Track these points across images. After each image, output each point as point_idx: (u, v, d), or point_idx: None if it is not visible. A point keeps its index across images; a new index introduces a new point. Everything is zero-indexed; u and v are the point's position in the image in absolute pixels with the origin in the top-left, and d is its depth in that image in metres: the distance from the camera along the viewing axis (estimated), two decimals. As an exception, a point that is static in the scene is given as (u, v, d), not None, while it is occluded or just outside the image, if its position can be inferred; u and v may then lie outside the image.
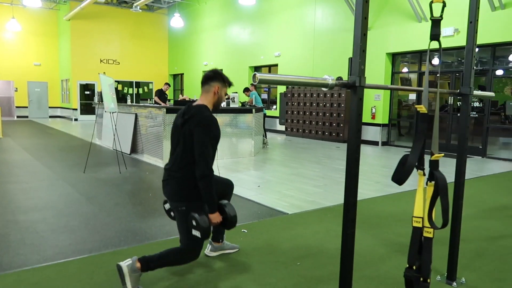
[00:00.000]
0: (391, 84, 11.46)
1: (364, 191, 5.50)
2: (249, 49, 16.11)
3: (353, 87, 1.96)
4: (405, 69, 11.85)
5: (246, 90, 10.47)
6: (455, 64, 10.58)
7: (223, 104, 8.66)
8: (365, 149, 10.71)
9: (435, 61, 10.63)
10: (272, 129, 15.14)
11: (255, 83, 1.63)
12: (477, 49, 9.60)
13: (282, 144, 11.65)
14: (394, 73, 11.44)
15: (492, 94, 2.81)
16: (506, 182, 6.58)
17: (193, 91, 19.63)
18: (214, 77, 2.64)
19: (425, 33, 10.14)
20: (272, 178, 6.34)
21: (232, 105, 8.58)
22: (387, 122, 11.61)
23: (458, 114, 9.98)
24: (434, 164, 1.73)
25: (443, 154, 1.78)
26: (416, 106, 1.75)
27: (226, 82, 2.71)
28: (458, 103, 10.05)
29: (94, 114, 17.72)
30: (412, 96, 11.42)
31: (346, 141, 12.03)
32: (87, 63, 19.86)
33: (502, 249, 3.44)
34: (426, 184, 1.77)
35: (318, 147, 10.74)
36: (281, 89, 14.68)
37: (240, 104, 9.44)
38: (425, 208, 1.72)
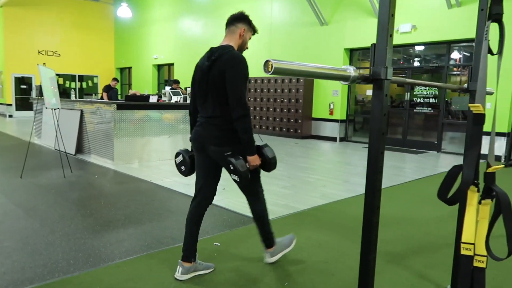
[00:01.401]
0: (349, 80, 11.40)
1: (335, 192, 5.23)
2: (203, 43, 15.45)
3: (378, 80, 1.58)
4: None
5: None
6: (410, 61, 10.72)
7: (180, 100, 8.06)
8: (323, 145, 10.59)
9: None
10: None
11: (269, 73, 1.20)
12: (421, 48, 9.83)
13: (240, 141, 11.22)
14: (352, 68, 11.38)
15: (492, 90, 2.58)
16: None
17: (143, 86, 18.61)
18: (241, 19, 2.51)
19: (382, 29, 10.14)
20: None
21: (189, 101, 8.00)
22: (345, 118, 11.58)
23: (415, 110, 10.13)
24: (491, 178, 1.41)
25: (502, 165, 1.45)
26: (470, 105, 1.41)
27: (252, 27, 2.57)
28: (414, 98, 10.20)
29: (32, 110, 16.18)
30: (370, 92, 11.46)
31: (305, 137, 11.92)
32: (22, 54, 18.12)
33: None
34: (480, 202, 1.44)
35: (277, 144, 10.44)
36: (237, 84, 14.21)
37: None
38: (478, 231, 1.38)
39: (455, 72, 9.97)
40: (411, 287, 2.64)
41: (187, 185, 5.43)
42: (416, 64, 10.59)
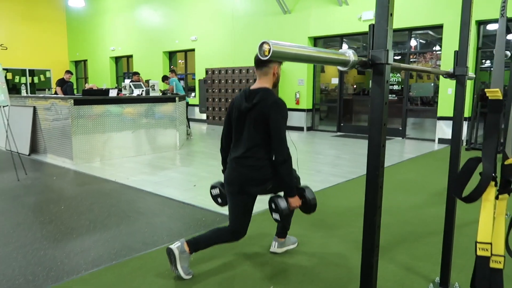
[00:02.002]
0: (314, 68, 11.38)
1: (309, 183, 5.06)
2: (162, 33, 14.90)
3: (378, 65, 1.41)
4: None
5: (165, 78, 9.50)
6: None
7: (142, 93, 7.67)
8: (291, 135, 10.49)
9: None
10: (192, 118, 14.28)
11: (266, 57, 1.00)
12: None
13: (206, 134, 10.95)
14: (316, 57, 11.33)
15: (473, 75, 2.52)
16: (436, 162, 6.76)
17: (100, 79, 17.76)
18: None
19: (346, 17, 10.14)
20: (207, 174, 5.66)
21: (152, 94, 7.62)
22: (311, 107, 11.55)
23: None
24: (509, 170, 1.28)
25: (524, 156, 1.33)
26: (486, 90, 1.27)
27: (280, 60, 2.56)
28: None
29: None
30: (335, 81, 11.49)
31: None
32: (-36, 47, 16.75)
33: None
34: (497, 197, 1.32)
35: (245, 136, 10.25)
36: (200, 75, 13.85)
37: (161, 93, 8.49)
38: (495, 229, 1.26)
39: (413, 59, 10.15)
40: (401, 281, 2.56)
41: (156, 183, 5.14)
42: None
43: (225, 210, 4.04)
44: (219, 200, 2.85)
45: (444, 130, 8.93)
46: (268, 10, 11.64)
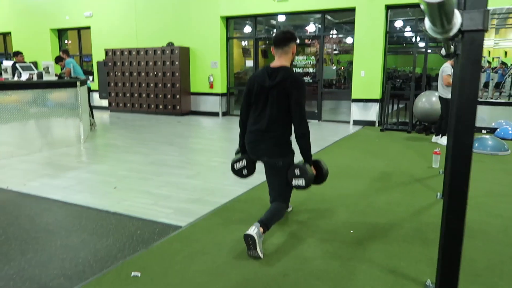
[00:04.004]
0: (227, 50, 10.82)
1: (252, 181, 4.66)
2: (48, 8, 12.87)
3: (474, 32, 0.97)
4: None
5: (59, 59, 8.06)
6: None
7: (33, 77, 6.32)
8: (208, 122, 9.92)
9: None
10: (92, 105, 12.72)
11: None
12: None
13: (112, 123, 9.74)
14: (229, 38, 10.81)
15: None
16: (360, 143, 6.82)
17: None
18: (292, 38, 2.69)
19: (260, -4, 9.75)
20: (128, 172, 4.83)
21: (46, 77, 6.32)
22: (226, 91, 11.04)
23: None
24: None
25: None
26: None
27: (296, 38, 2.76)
28: (293, 68, 10.20)
29: None
30: (249, 63, 11.10)
31: (184, 113, 11.00)
32: None
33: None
34: None
35: (158, 124, 9.36)
36: (98, 57, 12.31)
37: (56, 77, 7.15)
38: None
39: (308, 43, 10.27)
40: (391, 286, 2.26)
41: (64, 188, 4.18)
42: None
43: (163, 217, 3.39)
44: (245, 171, 2.94)
45: (358, 112, 9.19)
46: (175, -14, 10.69)
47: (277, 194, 2.83)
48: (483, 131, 7.78)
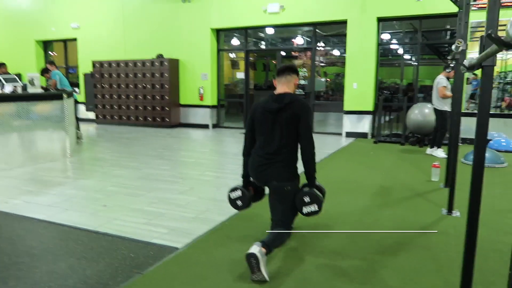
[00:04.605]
0: (218, 62, 10.70)
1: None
2: (34, 19, 12.60)
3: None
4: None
5: (45, 71, 7.80)
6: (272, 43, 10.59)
7: (17, 89, 6.06)
8: (198, 134, 9.71)
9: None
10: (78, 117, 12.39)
11: None
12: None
13: (99, 135, 9.46)
14: (220, 50, 10.69)
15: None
16: (355, 156, 6.70)
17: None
18: (295, 70, 2.78)
19: (251, 8, 9.68)
20: (117, 188, 4.59)
21: (31, 90, 6.07)
22: (216, 104, 10.87)
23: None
24: None
25: None
26: None
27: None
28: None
29: None
30: (240, 75, 10.98)
31: (174, 126, 10.77)
32: None
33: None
34: None
35: (147, 136, 9.11)
36: (85, 68, 12.05)
37: (42, 89, 6.89)
38: None
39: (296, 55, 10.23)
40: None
41: (48, 206, 3.92)
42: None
43: (158, 238, 3.17)
44: (239, 202, 2.89)
45: (350, 124, 9.11)
46: (164, -2, 10.57)
47: (280, 220, 2.73)
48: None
